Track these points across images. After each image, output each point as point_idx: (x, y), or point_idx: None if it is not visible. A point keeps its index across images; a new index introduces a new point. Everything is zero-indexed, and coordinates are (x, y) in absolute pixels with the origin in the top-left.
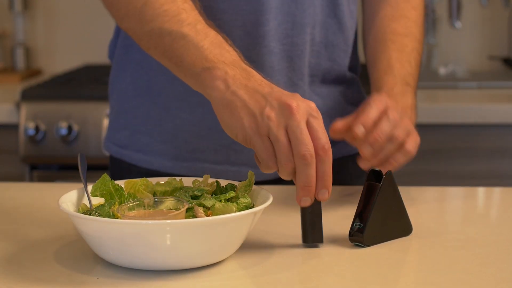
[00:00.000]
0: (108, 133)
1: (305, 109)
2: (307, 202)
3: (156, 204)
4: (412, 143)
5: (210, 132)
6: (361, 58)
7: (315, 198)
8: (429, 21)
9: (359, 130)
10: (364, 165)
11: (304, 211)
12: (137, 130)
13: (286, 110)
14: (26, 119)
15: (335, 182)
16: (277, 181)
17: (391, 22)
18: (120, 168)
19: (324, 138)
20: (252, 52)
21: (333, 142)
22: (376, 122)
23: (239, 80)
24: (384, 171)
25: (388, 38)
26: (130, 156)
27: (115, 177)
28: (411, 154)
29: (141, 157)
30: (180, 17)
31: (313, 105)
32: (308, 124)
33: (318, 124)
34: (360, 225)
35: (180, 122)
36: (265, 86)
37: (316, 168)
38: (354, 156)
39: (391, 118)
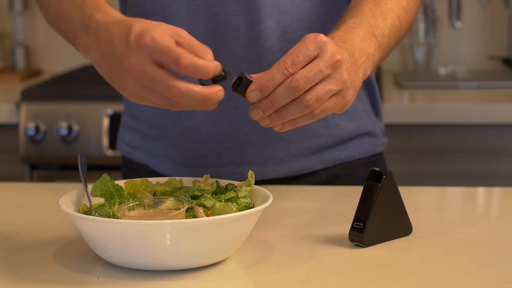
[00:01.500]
0: (120, 132)
1: (143, 55)
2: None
3: (156, 204)
4: (331, 105)
5: (211, 136)
6: None
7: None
8: (429, 21)
9: (254, 95)
10: (254, 115)
11: None
12: (145, 133)
13: (128, 72)
14: (26, 119)
15: (345, 184)
16: (278, 180)
17: None
18: (131, 168)
19: (168, 54)
20: (249, 52)
21: (343, 144)
22: (277, 85)
23: (93, 46)
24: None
25: None
26: (139, 157)
27: (126, 175)
28: (318, 118)
29: (149, 159)
30: None
31: (146, 40)
32: (154, 62)
33: (160, 53)
34: (360, 225)
35: (180, 129)
36: (108, 46)
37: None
38: (366, 159)
39: (310, 75)
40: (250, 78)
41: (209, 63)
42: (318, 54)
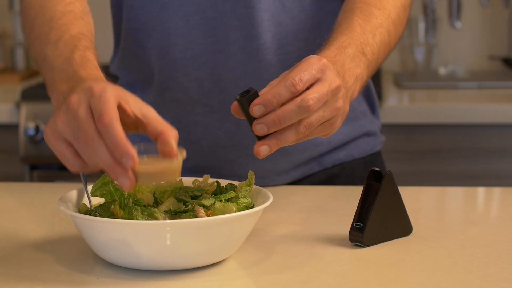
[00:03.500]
0: None
1: (84, 96)
2: (125, 183)
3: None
4: (317, 131)
5: (212, 149)
6: None
7: None
8: (429, 21)
9: (257, 109)
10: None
11: None
12: (143, 137)
13: (67, 110)
14: (26, 119)
15: (344, 184)
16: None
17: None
18: None
19: (98, 110)
20: (248, 67)
21: (343, 146)
22: (282, 102)
23: (63, 95)
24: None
25: (356, 7)
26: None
27: None
28: (301, 141)
29: None
30: (49, 36)
31: (95, 88)
32: (89, 106)
33: (96, 101)
34: (360, 225)
35: (181, 143)
36: (75, 91)
37: (105, 142)
38: (365, 158)
39: (319, 97)
40: (257, 93)
41: (128, 149)
42: (320, 77)
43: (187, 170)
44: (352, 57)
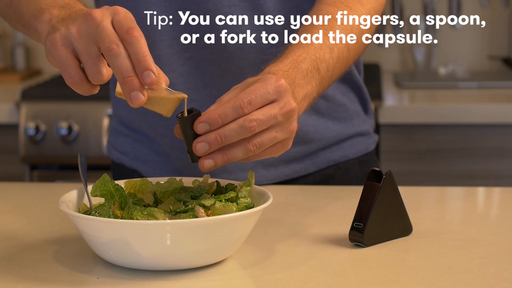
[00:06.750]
0: (110, 137)
1: (108, 12)
2: (138, 97)
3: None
4: (269, 151)
5: None
6: (363, 58)
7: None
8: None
9: (202, 127)
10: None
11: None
12: (137, 139)
13: (87, 20)
14: (26, 119)
15: (340, 185)
16: (278, 182)
17: (328, 6)
18: (121, 173)
19: (127, 24)
20: (231, 65)
21: (336, 146)
22: (227, 122)
23: (61, 17)
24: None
25: (318, 19)
26: (129, 163)
27: (116, 180)
28: (251, 160)
29: (140, 165)
30: None
31: (119, 8)
32: (112, 22)
33: (122, 17)
34: (360, 225)
35: (170, 141)
36: (80, 12)
37: (130, 54)
38: (360, 158)
39: (263, 119)
40: (200, 113)
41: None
42: (275, 98)
43: (179, 170)
44: (305, 73)
